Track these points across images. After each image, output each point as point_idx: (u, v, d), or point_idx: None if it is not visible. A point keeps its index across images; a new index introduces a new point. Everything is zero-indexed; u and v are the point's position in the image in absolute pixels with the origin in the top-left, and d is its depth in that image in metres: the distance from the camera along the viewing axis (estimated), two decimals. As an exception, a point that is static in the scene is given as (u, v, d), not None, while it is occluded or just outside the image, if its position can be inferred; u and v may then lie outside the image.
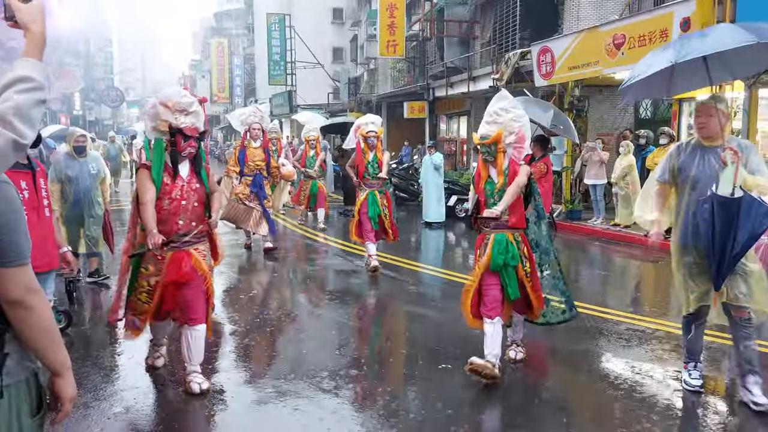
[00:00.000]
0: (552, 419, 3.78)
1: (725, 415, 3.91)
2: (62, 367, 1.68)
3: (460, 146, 20.67)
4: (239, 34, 49.85)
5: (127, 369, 4.58)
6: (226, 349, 5.05)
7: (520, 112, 4.33)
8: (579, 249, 10.12)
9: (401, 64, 24.37)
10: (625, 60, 9.95)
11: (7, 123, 1.50)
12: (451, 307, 6.36)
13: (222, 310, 6.19)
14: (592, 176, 11.57)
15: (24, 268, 1.56)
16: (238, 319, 5.91)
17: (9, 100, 1.53)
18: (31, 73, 1.58)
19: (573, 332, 5.54)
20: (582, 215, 12.25)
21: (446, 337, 5.41)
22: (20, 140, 1.51)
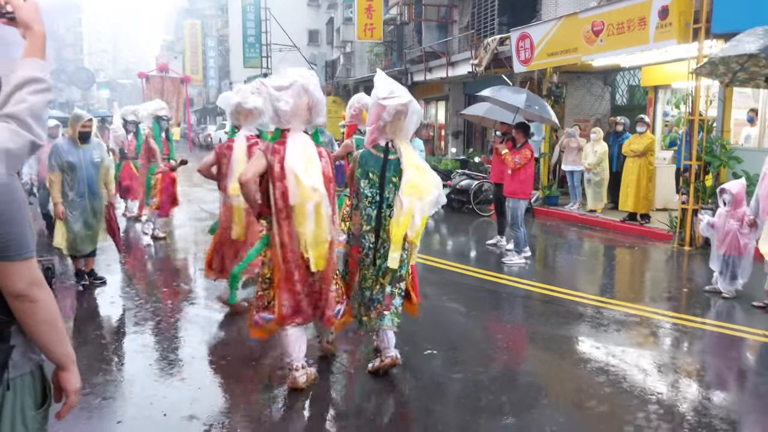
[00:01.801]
0: (534, 404, 3.85)
1: (705, 400, 4.02)
2: (67, 360, 1.69)
3: (438, 131, 20.69)
4: (213, 15, 48.97)
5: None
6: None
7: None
8: (556, 234, 10.24)
9: (378, 48, 24.24)
10: (604, 47, 10.02)
11: (24, 123, 1.52)
12: (431, 293, 6.42)
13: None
14: (569, 162, 11.70)
15: (29, 261, 1.56)
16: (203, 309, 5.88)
17: (24, 101, 1.54)
18: (40, 74, 1.59)
19: (551, 317, 5.64)
20: (559, 201, 12.39)
21: (426, 322, 5.45)
22: (37, 141, 1.54)
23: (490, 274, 7.21)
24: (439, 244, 10.05)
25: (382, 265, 4.07)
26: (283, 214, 3.72)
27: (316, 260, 3.72)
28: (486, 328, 5.49)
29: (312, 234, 3.69)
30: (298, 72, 3.78)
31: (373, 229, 4.08)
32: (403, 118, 4.01)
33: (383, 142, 4.10)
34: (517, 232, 7.76)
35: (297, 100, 3.71)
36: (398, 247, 3.96)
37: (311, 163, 3.71)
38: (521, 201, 7.77)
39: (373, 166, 4.09)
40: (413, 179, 3.95)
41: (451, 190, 12.19)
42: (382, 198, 4.06)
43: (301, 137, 3.76)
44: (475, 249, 9.13)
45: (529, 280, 6.92)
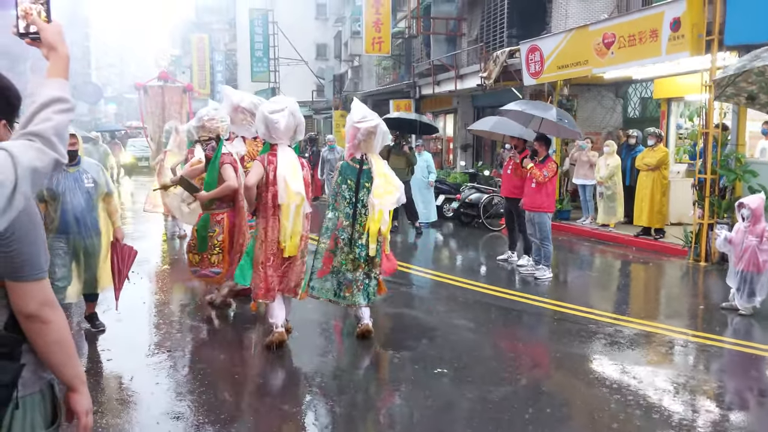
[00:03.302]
0: (547, 425, 3.80)
1: (724, 421, 3.96)
2: (77, 381, 1.69)
3: (447, 144, 20.72)
4: (221, 29, 49.46)
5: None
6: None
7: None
8: (568, 249, 10.20)
9: (387, 62, 24.36)
10: (615, 60, 10.03)
11: (49, 142, 1.54)
12: (440, 310, 6.40)
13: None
14: (581, 176, 11.66)
15: (41, 282, 1.58)
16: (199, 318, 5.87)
17: (50, 120, 1.57)
18: (65, 94, 1.62)
19: (564, 335, 5.59)
20: (571, 215, 12.34)
21: (439, 340, 5.42)
22: (61, 159, 1.57)
23: (500, 290, 7.17)
24: (449, 259, 10.03)
25: (360, 253, 5.23)
26: (272, 211, 4.90)
27: (289, 248, 4.93)
28: (497, 346, 5.45)
29: (291, 228, 4.88)
30: (286, 99, 5.01)
31: (350, 224, 5.27)
32: (373, 138, 5.21)
33: (359, 155, 5.32)
34: (547, 246, 7.75)
35: (288, 121, 4.87)
36: (374, 239, 5.20)
37: (296, 172, 4.92)
38: (548, 214, 7.77)
39: (350, 175, 5.31)
40: (381, 185, 5.21)
41: (460, 203, 12.18)
42: (357, 199, 5.27)
43: (288, 151, 4.98)
44: (486, 264, 9.10)
45: (541, 297, 6.88)
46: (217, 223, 5.81)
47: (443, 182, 13.67)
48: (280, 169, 4.83)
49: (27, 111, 1.59)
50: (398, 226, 11.28)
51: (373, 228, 5.16)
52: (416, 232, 11.21)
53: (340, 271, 5.27)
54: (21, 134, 1.55)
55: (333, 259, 5.27)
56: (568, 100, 12.59)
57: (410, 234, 11.35)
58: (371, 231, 5.17)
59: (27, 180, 1.48)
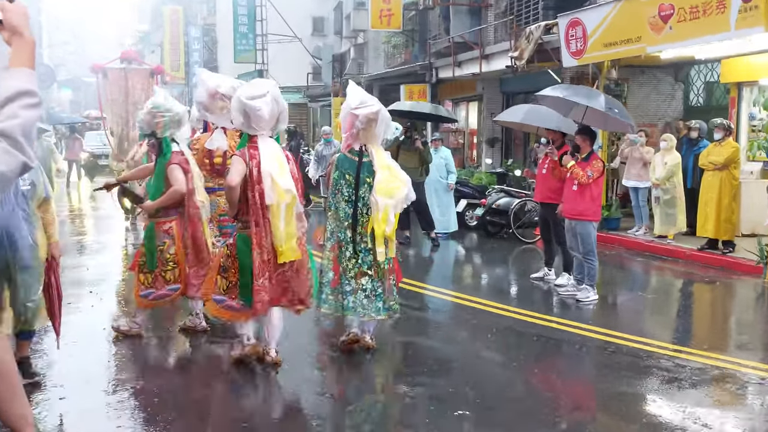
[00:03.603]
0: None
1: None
2: (23, 422, 1.70)
3: (470, 138, 20.72)
4: (197, 0, 49.82)
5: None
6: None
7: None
8: (617, 266, 10.14)
9: (397, 39, 24.43)
10: (674, 36, 10.01)
11: (16, 142, 1.58)
12: (462, 338, 6.38)
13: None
14: (633, 177, 11.63)
15: None
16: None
17: (16, 117, 1.60)
18: (32, 86, 1.65)
19: (612, 369, 5.57)
20: (620, 224, 12.30)
21: (459, 375, 5.41)
22: (29, 163, 1.62)
23: (535, 315, 7.15)
24: (472, 277, 10.02)
25: (365, 259, 5.50)
26: (261, 213, 4.98)
27: (286, 253, 5.03)
28: (530, 383, 5.43)
29: (284, 230, 4.99)
30: (266, 82, 5.14)
31: (350, 225, 5.50)
32: (374, 126, 5.41)
33: (357, 146, 5.53)
34: (591, 262, 7.71)
35: (271, 108, 4.99)
36: (381, 242, 5.41)
37: (283, 167, 5.03)
38: (592, 223, 7.74)
39: (348, 169, 5.52)
40: (385, 180, 5.39)
41: (485, 210, 12.18)
42: (357, 197, 5.48)
43: (271, 142, 5.11)
44: (517, 284, 9.09)
45: (584, 323, 6.85)
46: (166, 233, 5.88)
47: (465, 184, 13.68)
48: (264, 165, 4.95)
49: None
50: (410, 237, 11.29)
51: (378, 230, 5.38)
52: (432, 245, 11.21)
53: (345, 280, 5.54)
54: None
55: (340, 266, 5.55)
56: (617, 84, 12.58)
57: (425, 246, 11.35)
58: (376, 234, 5.39)
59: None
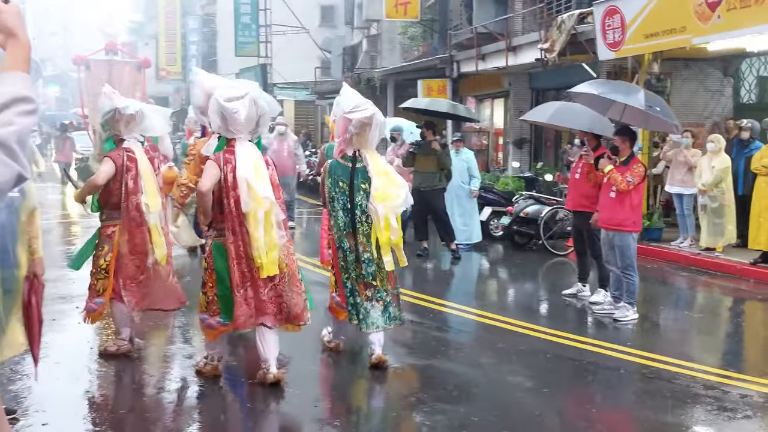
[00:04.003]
0: None
1: None
2: None
3: (495, 139, 20.69)
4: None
5: None
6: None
7: None
8: (659, 281, 10.08)
9: (414, 29, 24.47)
10: (723, 26, 9.95)
11: (10, 151, 1.61)
12: (486, 362, 6.35)
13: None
14: (677, 182, 11.56)
15: None
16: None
17: (11, 125, 1.63)
18: (28, 92, 1.69)
19: (654, 397, 5.53)
20: (663, 235, 12.23)
21: (484, 403, 5.38)
22: (24, 173, 1.64)
23: (568, 336, 7.11)
24: (497, 293, 9.99)
25: (368, 269, 5.76)
26: (237, 221, 5.18)
27: (267, 266, 5.15)
28: (562, 411, 5.41)
29: (263, 240, 5.13)
30: (246, 84, 5.47)
31: (350, 233, 5.77)
32: (368, 130, 5.67)
33: (350, 152, 5.78)
34: (631, 277, 7.64)
35: (249, 110, 5.22)
36: (388, 251, 5.74)
37: (260, 172, 5.22)
38: (633, 235, 7.68)
39: (342, 175, 5.77)
40: (381, 186, 5.66)
41: (512, 219, 12.14)
42: (353, 204, 5.73)
43: (248, 147, 5.33)
44: (547, 301, 9.06)
45: (622, 346, 6.81)
46: (108, 238, 6.06)
47: (490, 190, 13.65)
48: (240, 170, 5.14)
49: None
50: (428, 249, 11.29)
51: (383, 239, 5.71)
52: (453, 257, 11.18)
53: (349, 293, 5.83)
54: None
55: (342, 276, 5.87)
56: (659, 80, 12.50)
57: (445, 259, 11.33)
58: (381, 242, 5.72)
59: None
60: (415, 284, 9.79)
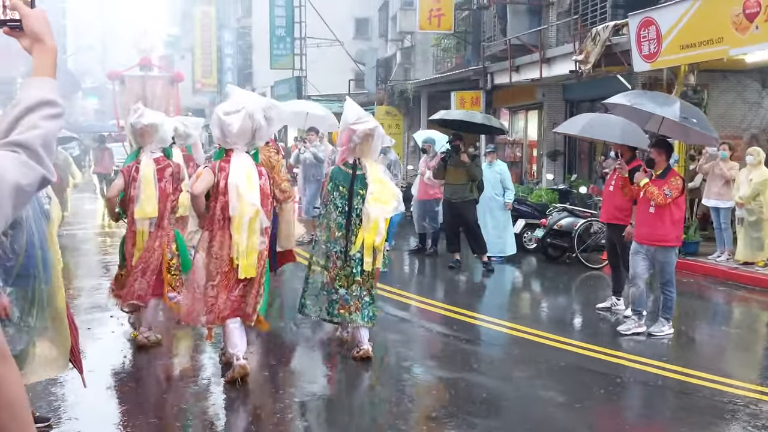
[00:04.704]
0: None
1: None
2: None
3: (528, 151, 20.61)
4: (231, 0, 50.87)
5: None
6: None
7: None
8: (695, 295, 9.99)
9: (448, 41, 24.51)
10: (760, 37, 9.83)
11: (36, 155, 1.63)
12: (517, 376, 6.32)
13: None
14: (714, 195, 11.43)
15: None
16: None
17: (36, 128, 1.66)
18: (54, 96, 1.70)
19: (690, 414, 5.48)
20: (699, 248, 12.09)
21: (515, 416, 5.33)
22: (49, 176, 1.66)
23: (601, 350, 7.06)
24: (530, 306, 9.93)
25: (357, 268, 6.32)
26: (221, 224, 5.63)
27: (245, 268, 5.61)
28: (595, 428, 5.37)
29: (244, 244, 5.57)
30: (248, 99, 5.92)
31: (343, 235, 6.34)
32: (370, 141, 6.30)
33: (351, 160, 6.39)
34: (670, 292, 7.56)
35: (243, 123, 5.62)
36: (370, 252, 6.25)
37: (251, 181, 5.65)
38: (675, 250, 7.59)
39: (342, 181, 6.38)
40: (377, 192, 6.24)
41: (546, 231, 12.06)
42: (351, 208, 6.32)
43: (243, 157, 5.74)
44: (581, 315, 8.99)
45: (657, 361, 6.74)
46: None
47: (523, 202, 13.59)
48: (232, 177, 5.58)
49: (8, 115, 1.67)
50: (460, 261, 11.26)
51: (368, 240, 6.22)
52: (485, 269, 11.13)
53: (333, 288, 6.38)
54: (2, 144, 1.62)
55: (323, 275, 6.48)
56: (696, 91, 12.39)
57: (477, 271, 11.29)
58: (366, 243, 6.24)
59: (9, 200, 1.55)
60: (446, 296, 9.82)
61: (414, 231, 13.09)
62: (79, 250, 12.72)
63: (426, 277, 11.72)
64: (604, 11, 15.18)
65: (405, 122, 25.58)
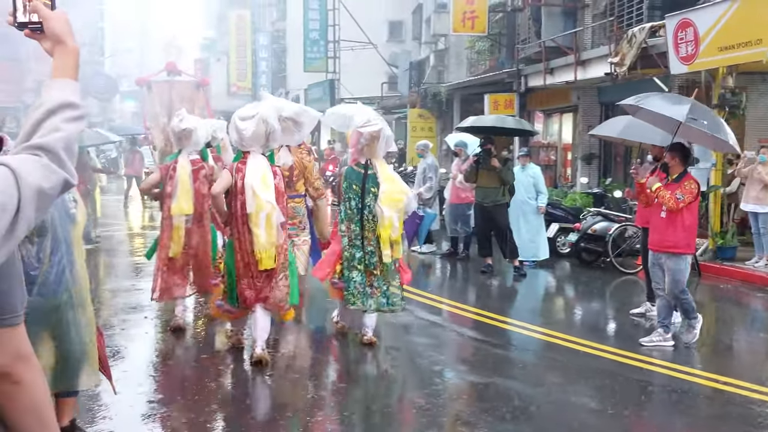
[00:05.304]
0: None
1: None
2: None
3: (563, 154, 20.47)
4: (265, 4, 51.23)
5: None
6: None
7: None
8: (732, 301, 9.89)
9: (482, 44, 24.44)
10: (801, 38, 9.68)
11: (57, 158, 1.63)
12: (550, 381, 6.27)
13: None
14: (751, 200, 11.28)
15: (14, 329, 1.63)
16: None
17: (58, 131, 1.66)
18: (75, 98, 1.71)
19: (726, 422, 5.42)
20: (737, 254, 11.92)
21: (546, 422, 5.30)
22: (71, 180, 1.66)
23: (635, 356, 6.98)
24: (564, 311, 9.86)
25: (371, 260, 6.80)
26: (241, 221, 6.15)
27: (264, 260, 6.10)
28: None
29: (265, 239, 6.05)
30: (262, 106, 6.37)
31: (358, 229, 6.86)
32: (376, 142, 6.72)
33: (363, 160, 6.85)
34: (687, 298, 7.31)
35: (257, 128, 6.12)
36: (387, 246, 6.73)
37: (266, 181, 6.12)
38: (686, 257, 7.27)
39: (355, 180, 6.89)
40: (389, 191, 6.71)
41: (580, 236, 11.96)
42: (363, 205, 6.84)
43: (259, 158, 6.23)
44: (615, 321, 8.91)
45: (691, 368, 6.68)
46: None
47: (557, 206, 13.50)
48: (248, 178, 6.08)
49: (30, 118, 1.67)
50: (492, 265, 11.21)
51: (384, 234, 6.70)
52: (517, 274, 11.05)
53: (351, 278, 6.84)
54: (24, 147, 1.62)
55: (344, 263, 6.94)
56: (734, 94, 12.20)
57: (509, 276, 11.21)
58: (382, 237, 6.71)
59: (32, 203, 1.54)
60: (478, 300, 9.79)
61: (446, 234, 13.07)
62: (111, 251, 12.92)
63: (458, 281, 11.70)
64: (641, 13, 15.05)
65: (438, 125, 25.55)
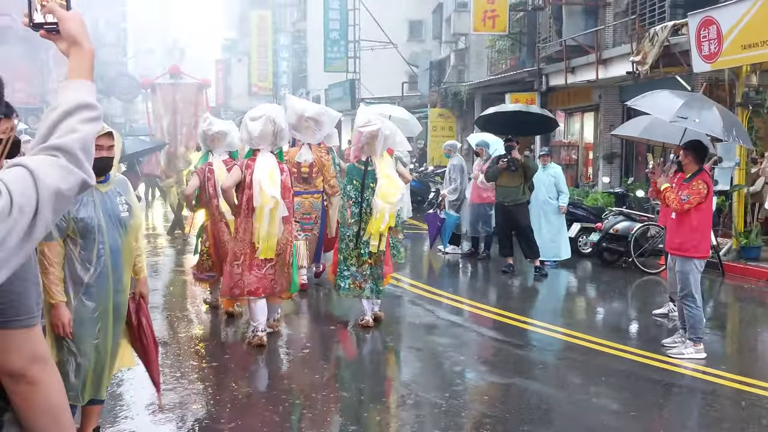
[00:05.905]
0: None
1: None
2: None
3: (584, 154, 20.36)
4: (287, 4, 51.38)
5: None
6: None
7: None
8: (756, 302, 9.78)
9: (502, 43, 24.37)
10: (827, 35, 9.55)
11: (75, 158, 1.65)
12: (571, 382, 6.24)
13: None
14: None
15: (31, 330, 1.64)
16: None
17: (75, 131, 1.67)
18: (92, 99, 1.72)
19: (748, 424, 5.37)
20: (762, 254, 11.79)
21: (568, 424, 5.27)
22: (89, 180, 1.67)
23: (657, 357, 6.92)
24: (585, 312, 9.80)
25: (364, 250, 7.41)
26: (246, 213, 6.71)
27: (264, 250, 6.65)
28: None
29: (266, 230, 6.59)
30: (270, 107, 7.19)
31: (356, 222, 7.46)
32: (375, 141, 7.25)
33: (364, 157, 7.42)
34: (691, 308, 6.96)
35: (264, 128, 6.71)
36: (376, 237, 7.30)
37: (273, 177, 6.65)
38: (693, 261, 6.97)
39: (356, 176, 7.47)
40: (385, 186, 7.23)
41: (602, 235, 11.88)
42: (362, 198, 7.40)
43: (267, 156, 6.79)
44: (637, 321, 8.85)
45: (715, 369, 6.58)
46: (205, 230, 8.20)
47: (579, 206, 13.43)
48: (256, 174, 6.60)
49: (47, 119, 1.69)
50: (513, 265, 11.16)
51: (375, 227, 7.23)
52: (538, 274, 10.99)
53: (345, 266, 7.47)
54: (41, 148, 1.63)
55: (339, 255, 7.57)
56: (758, 92, 12.08)
57: (531, 276, 11.16)
58: (373, 229, 7.24)
59: (50, 204, 1.56)
60: (499, 301, 9.76)
61: (467, 234, 13.03)
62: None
63: (478, 281, 11.66)
64: (663, 11, 14.95)
65: (458, 125, 25.53)
